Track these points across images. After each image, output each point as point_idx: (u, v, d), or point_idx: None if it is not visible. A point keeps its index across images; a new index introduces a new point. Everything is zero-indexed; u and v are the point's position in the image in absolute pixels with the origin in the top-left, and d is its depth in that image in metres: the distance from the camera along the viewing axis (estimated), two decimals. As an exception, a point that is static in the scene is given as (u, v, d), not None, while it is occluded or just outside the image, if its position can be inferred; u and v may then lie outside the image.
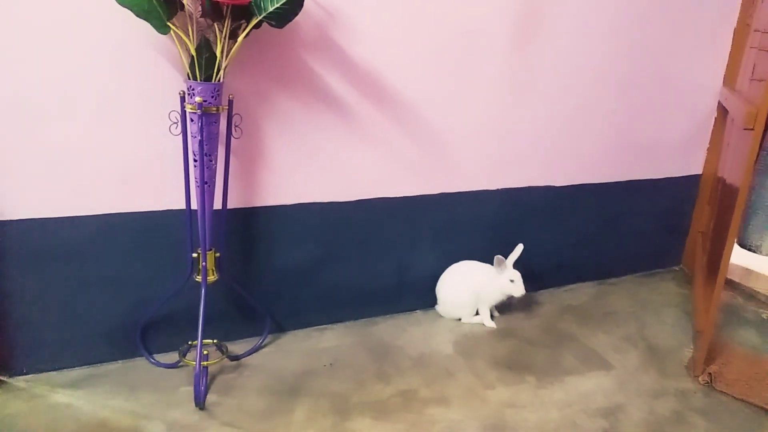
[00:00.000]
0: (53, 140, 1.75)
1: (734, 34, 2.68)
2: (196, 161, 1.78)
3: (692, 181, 2.91)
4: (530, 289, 2.68)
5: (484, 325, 2.39)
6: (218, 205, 1.91)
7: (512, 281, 2.33)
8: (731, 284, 2.83)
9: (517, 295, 2.33)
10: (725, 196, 2.43)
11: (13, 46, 1.64)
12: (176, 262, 1.97)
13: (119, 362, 2.02)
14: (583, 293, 2.73)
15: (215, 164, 1.82)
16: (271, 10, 1.63)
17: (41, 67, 1.68)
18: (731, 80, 2.72)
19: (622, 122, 2.61)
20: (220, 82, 1.74)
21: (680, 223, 3.00)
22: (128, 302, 1.98)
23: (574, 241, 2.72)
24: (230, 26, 1.72)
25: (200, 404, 1.82)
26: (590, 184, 2.65)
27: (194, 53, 1.68)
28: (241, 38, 1.70)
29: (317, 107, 2.04)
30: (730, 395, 2.02)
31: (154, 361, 2.02)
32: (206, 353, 1.88)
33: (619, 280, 2.91)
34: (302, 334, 2.26)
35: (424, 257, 2.42)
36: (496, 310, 2.48)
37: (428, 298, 2.49)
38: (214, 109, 1.74)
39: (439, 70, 2.18)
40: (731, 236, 2.05)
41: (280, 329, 2.25)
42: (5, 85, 1.66)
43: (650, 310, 2.61)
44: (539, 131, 2.45)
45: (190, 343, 2.05)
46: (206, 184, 1.81)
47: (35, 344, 1.91)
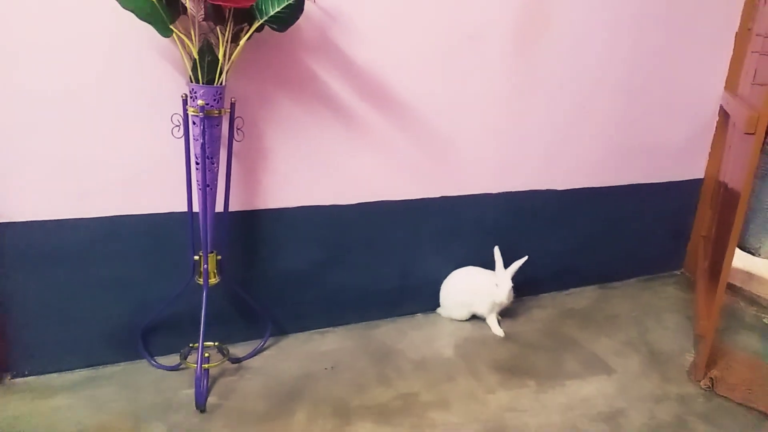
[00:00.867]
0: (55, 142, 1.75)
1: (736, 38, 2.68)
2: (198, 164, 1.78)
3: (694, 185, 2.91)
4: (532, 292, 2.70)
5: (492, 331, 2.39)
6: (220, 207, 1.92)
7: (496, 285, 2.32)
8: (733, 289, 2.82)
9: (497, 300, 2.32)
10: (727, 200, 2.43)
11: (15, 49, 1.65)
12: (178, 264, 1.97)
13: (121, 364, 2.03)
14: (584, 297, 2.73)
15: (217, 167, 1.82)
16: (272, 13, 1.64)
17: (43, 69, 1.69)
18: (733, 84, 2.72)
19: (623, 126, 2.61)
20: (222, 85, 1.74)
21: (682, 227, 2.99)
22: (130, 304, 1.98)
23: (575, 244, 2.72)
24: (232, 29, 1.72)
25: (201, 407, 1.82)
26: (592, 187, 2.65)
27: (196, 56, 1.69)
28: (243, 41, 1.71)
29: (319, 110, 2.05)
30: (731, 400, 2.01)
31: (155, 363, 2.02)
32: (207, 356, 1.88)
33: (621, 284, 2.90)
34: (303, 336, 2.26)
35: (425, 261, 2.42)
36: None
37: (430, 301, 2.49)
38: (216, 112, 1.75)
39: (441, 73, 2.19)
40: (733, 241, 2.04)
41: (281, 332, 2.25)
42: (8, 87, 1.67)
43: (652, 314, 2.60)
44: (542, 135, 2.45)
45: (191, 345, 2.05)
46: (208, 186, 1.81)
47: (37, 346, 1.91)
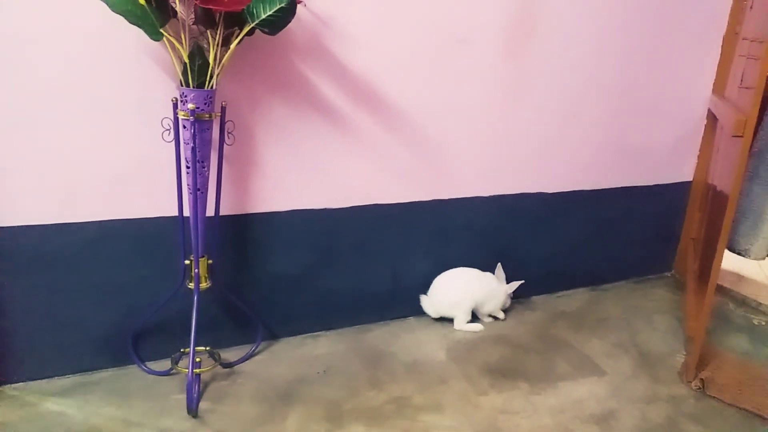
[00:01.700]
0: (44, 147, 1.74)
1: (723, 42, 2.71)
2: (188, 168, 1.78)
3: (683, 187, 2.93)
4: (523, 294, 2.71)
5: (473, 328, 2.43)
6: (211, 212, 1.91)
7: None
8: (722, 290, 2.84)
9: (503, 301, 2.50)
10: (715, 202, 2.45)
11: (3, 53, 1.63)
12: (168, 269, 1.96)
13: (111, 370, 2.01)
14: (575, 299, 2.74)
15: (208, 171, 1.82)
16: (263, 17, 1.64)
17: (33, 73, 1.68)
18: (720, 88, 2.75)
19: (613, 129, 2.62)
20: (212, 88, 1.74)
21: (672, 229, 3.01)
22: (120, 309, 1.97)
23: (566, 247, 2.73)
24: (223, 33, 1.72)
25: (193, 412, 1.81)
26: (582, 190, 2.67)
27: (187, 60, 1.68)
28: (233, 45, 1.70)
29: (311, 114, 2.05)
30: (721, 401, 2.03)
31: (146, 368, 2.01)
32: (199, 360, 1.87)
33: (611, 286, 2.92)
34: (295, 341, 2.26)
35: (417, 264, 2.43)
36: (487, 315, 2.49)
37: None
38: (206, 115, 1.74)
39: (432, 77, 2.19)
40: (722, 242, 2.06)
41: (273, 336, 2.24)
42: (-3, 91, 1.66)
43: (642, 316, 2.62)
44: (532, 138, 2.46)
45: (182, 350, 2.04)
46: (199, 190, 1.80)
47: (26, 352, 1.89)
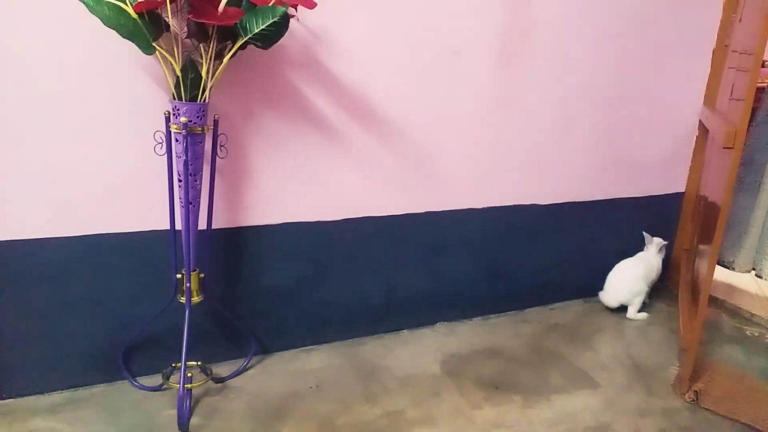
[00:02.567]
0: (36, 161, 1.73)
1: (713, 54, 2.73)
2: (180, 181, 1.77)
3: (675, 198, 2.94)
4: (516, 307, 2.71)
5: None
6: (203, 225, 1.90)
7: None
8: (715, 301, 2.85)
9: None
10: (707, 213, 2.46)
11: (-4, 66, 1.63)
12: (160, 283, 1.95)
13: (101, 385, 1.99)
14: (569, 311, 2.73)
15: (200, 184, 1.81)
16: (257, 31, 1.64)
17: (24, 86, 1.67)
18: (711, 99, 2.77)
19: (606, 141, 2.64)
20: (205, 102, 1.74)
21: (664, 240, 3.02)
22: (111, 324, 1.96)
23: (559, 259, 2.73)
24: (216, 47, 1.73)
25: (184, 428, 1.79)
26: (575, 202, 2.67)
27: (179, 74, 1.68)
28: (226, 59, 1.71)
29: (304, 127, 2.05)
30: (715, 413, 2.02)
31: (137, 384, 1.99)
32: (190, 375, 1.85)
33: (604, 297, 2.92)
34: (288, 355, 2.24)
35: (411, 276, 2.42)
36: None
37: (415, 317, 2.48)
38: (199, 129, 1.74)
39: (425, 89, 2.20)
40: (713, 254, 2.07)
41: (265, 350, 2.23)
42: (-12, 105, 1.65)
43: (636, 328, 2.62)
44: (524, 150, 2.47)
45: (173, 365, 2.01)
46: (191, 204, 1.80)
47: (15, 368, 1.87)
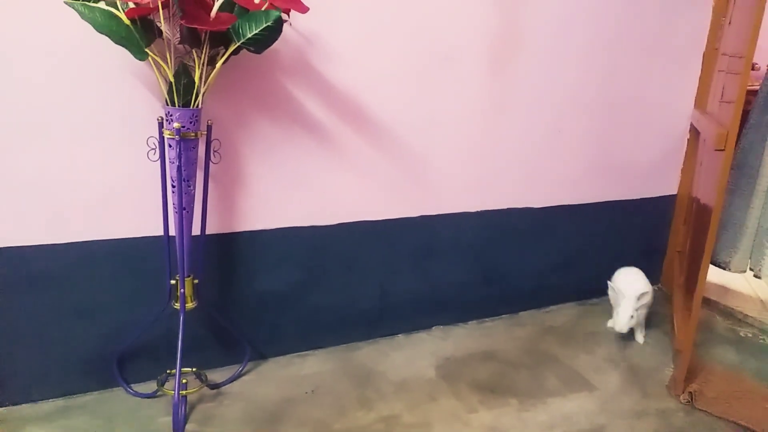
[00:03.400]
0: (29, 167, 1.73)
1: (703, 57, 2.75)
2: (174, 187, 1.77)
3: (668, 201, 2.96)
4: (512, 310, 2.71)
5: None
6: (197, 231, 1.90)
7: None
8: (709, 303, 2.86)
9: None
10: (699, 215, 2.47)
11: (-13, 73, 1.63)
12: (154, 289, 1.94)
13: (96, 393, 1.98)
14: (564, 314, 2.74)
15: (194, 190, 1.81)
16: (249, 36, 1.64)
17: (17, 92, 1.67)
18: (702, 102, 2.79)
19: (598, 144, 2.65)
20: (198, 107, 1.74)
21: (658, 242, 3.03)
22: (105, 331, 1.95)
23: (554, 262, 2.74)
24: (209, 52, 1.73)
25: (178, 435, 1.78)
26: (569, 205, 2.68)
27: (172, 79, 1.68)
28: (219, 64, 1.71)
29: (297, 131, 2.05)
30: (710, 414, 2.03)
31: (131, 391, 1.98)
32: (185, 382, 1.84)
33: (599, 300, 2.91)
34: (283, 360, 2.23)
35: (405, 280, 2.42)
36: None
37: (410, 322, 2.48)
38: (192, 134, 1.74)
39: (419, 94, 2.21)
40: (706, 255, 2.08)
41: (260, 356, 2.22)
42: (-21, 112, 1.64)
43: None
44: (518, 153, 2.48)
45: (168, 372, 2.01)
46: (184, 210, 1.79)
47: (8, 376, 1.86)
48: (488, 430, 1.91)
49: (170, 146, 1.75)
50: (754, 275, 2.83)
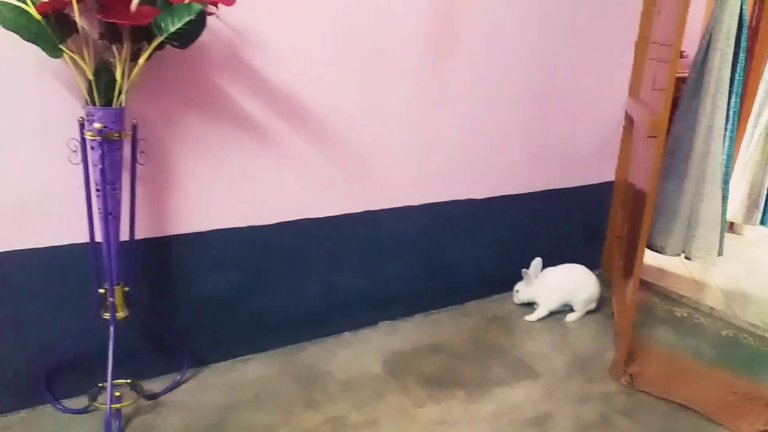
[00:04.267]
0: (-66, 175, 1.60)
1: (636, 46, 2.81)
2: (99, 191, 1.67)
3: (606, 187, 3.02)
4: (458, 301, 2.72)
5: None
6: (126, 236, 1.81)
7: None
8: (646, 285, 2.94)
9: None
10: (636, 200, 2.53)
11: None
12: (82, 299, 1.84)
13: (23, 412, 1.86)
14: (508, 302, 2.76)
15: (120, 193, 1.72)
16: (172, 30, 1.56)
17: None
18: (636, 90, 2.85)
19: (537, 133, 2.67)
20: (121, 106, 1.65)
21: (597, 228, 3.10)
22: (31, 346, 1.83)
23: (497, 251, 2.76)
24: (131, 48, 1.63)
25: (114, 451, 1.70)
26: (510, 195, 2.70)
27: (92, 77, 1.59)
28: (141, 60, 1.62)
29: (232, 128, 1.97)
30: (650, 394, 2.08)
31: (61, 407, 1.87)
32: (119, 395, 1.76)
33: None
34: (225, 365, 2.16)
35: (350, 277, 2.38)
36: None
37: (356, 318, 2.45)
38: (116, 135, 1.65)
39: (357, 87, 2.16)
40: (642, 241, 2.13)
41: (201, 362, 2.14)
42: None
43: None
44: (457, 145, 2.47)
45: (100, 385, 1.90)
46: (110, 214, 1.70)
47: None
48: (436, 424, 1.90)
49: (92, 148, 1.65)
50: (685, 257, 2.93)
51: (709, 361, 2.32)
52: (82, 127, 1.66)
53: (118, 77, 1.62)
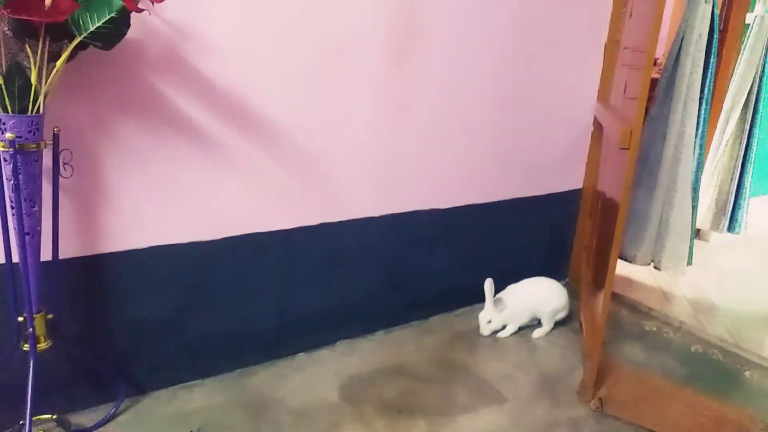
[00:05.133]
0: None
1: (605, 50, 2.71)
2: (13, 209, 1.48)
3: (574, 195, 2.92)
4: (421, 316, 2.58)
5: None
6: (48, 256, 1.62)
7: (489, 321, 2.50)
8: (614, 296, 2.85)
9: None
10: (605, 210, 2.43)
11: None
12: (1, 327, 1.64)
13: (-68, 453, 1.67)
14: (474, 316, 2.62)
15: (39, 210, 1.53)
16: (93, 29, 1.38)
17: None
18: (605, 95, 2.75)
19: (503, 141, 2.55)
20: (39, 113, 1.46)
21: (565, 238, 3.00)
22: (-61, 380, 1.63)
23: (462, 263, 2.63)
24: (50, 48, 1.45)
25: (33, 500, 1.51)
26: (475, 204, 2.57)
27: (2, 81, 1.39)
28: (60, 62, 1.43)
29: (172, 137, 1.80)
30: (621, 419, 1.98)
31: (-24, 448, 1.68)
32: (42, 432, 1.57)
33: (509, 299, 2.85)
34: (166, 394, 1.98)
35: (306, 294, 2.22)
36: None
37: (312, 339, 2.29)
38: (33, 146, 1.46)
39: (310, 90, 2.00)
40: (614, 255, 2.02)
41: (139, 391, 1.96)
42: None
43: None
44: (420, 153, 2.33)
45: (22, 422, 1.71)
46: (28, 234, 1.51)
47: None
48: (395, 458, 1.77)
49: (5, 161, 1.46)
50: (654, 266, 2.86)
51: (679, 380, 2.23)
52: (-7, 136, 1.47)
53: (33, 80, 1.43)
